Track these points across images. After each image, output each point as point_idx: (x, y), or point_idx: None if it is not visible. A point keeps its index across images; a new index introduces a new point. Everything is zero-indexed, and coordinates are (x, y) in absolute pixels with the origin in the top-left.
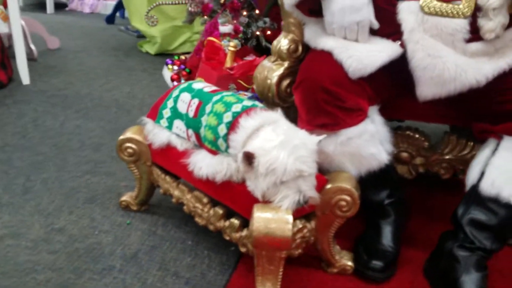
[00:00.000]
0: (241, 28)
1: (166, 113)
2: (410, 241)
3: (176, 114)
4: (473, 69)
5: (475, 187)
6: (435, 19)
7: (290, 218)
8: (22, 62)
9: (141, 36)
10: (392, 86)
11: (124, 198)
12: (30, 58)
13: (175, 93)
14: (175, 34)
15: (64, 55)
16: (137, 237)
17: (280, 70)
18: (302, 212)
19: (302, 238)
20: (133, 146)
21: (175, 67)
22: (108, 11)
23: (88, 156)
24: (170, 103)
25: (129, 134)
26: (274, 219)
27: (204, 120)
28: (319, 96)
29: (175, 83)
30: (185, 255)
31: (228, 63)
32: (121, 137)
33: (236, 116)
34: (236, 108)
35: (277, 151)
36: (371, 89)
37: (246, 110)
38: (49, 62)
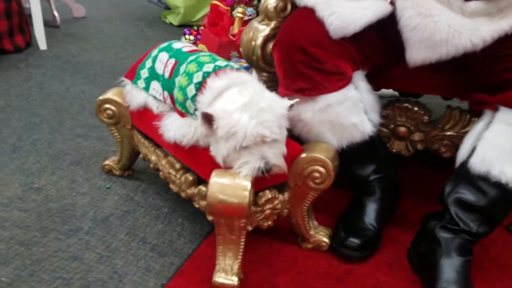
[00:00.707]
0: None
1: (144, 73)
2: (401, 221)
3: (153, 74)
4: (469, 30)
5: (465, 163)
6: None
7: (248, 184)
8: (39, 27)
9: (168, 7)
10: (382, 50)
11: (107, 162)
12: (53, 25)
13: (154, 52)
14: (199, 5)
15: (87, 23)
16: (113, 201)
17: (266, 31)
18: (272, 181)
19: (272, 210)
20: (112, 107)
21: (192, 37)
22: None
23: (85, 120)
24: (148, 63)
25: (109, 95)
26: (230, 186)
27: (177, 80)
28: (295, 57)
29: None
30: (157, 222)
31: (235, 29)
32: (100, 97)
33: (206, 77)
34: (208, 68)
35: (239, 114)
36: (356, 51)
37: (217, 71)
38: (70, 30)
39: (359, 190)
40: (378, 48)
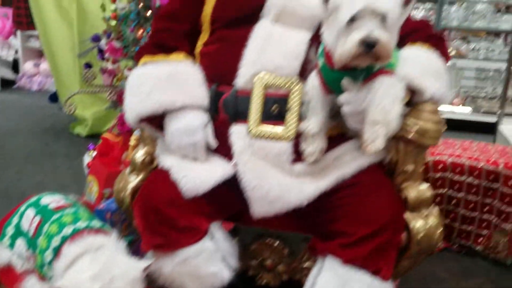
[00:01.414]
0: None
1: (10, 230)
2: None
3: (19, 231)
4: (295, 189)
5: None
6: (262, 142)
7: None
8: None
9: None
10: (233, 203)
11: None
12: None
13: (22, 208)
14: (106, 116)
15: None
16: None
17: (135, 182)
18: None
19: None
20: None
21: (95, 153)
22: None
23: None
24: (15, 220)
25: None
26: None
27: (39, 241)
28: (152, 217)
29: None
30: None
31: (129, 158)
32: None
33: (64, 241)
34: (66, 231)
35: (90, 284)
36: (209, 206)
37: (74, 235)
38: None
39: None
40: (229, 202)
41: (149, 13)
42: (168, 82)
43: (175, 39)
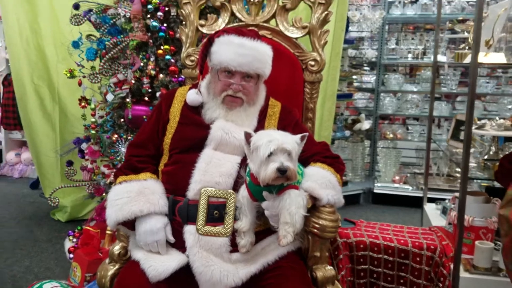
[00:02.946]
0: None
1: None
2: None
3: None
4: (232, 274)
5: None
6: (207, 238)
7: None
8: None
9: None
10: (191, 283)
11: None
12: None
13: None
14: (84, 203)
15: None
16: None
17: (112, 270)
18: None
19: None
20: None
21: (75, 239)
22: (36, 176)
23: None
24: None
25: None
26: None
27: None
28: None
29: (71, 255)
30: None
31: (106, 244)
32: None
33: None
34: None
35: None
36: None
37: None
38: None
39: None
40: (184, 284)
41: (121, 120)
42: (137, 195)
43: (143, 162)
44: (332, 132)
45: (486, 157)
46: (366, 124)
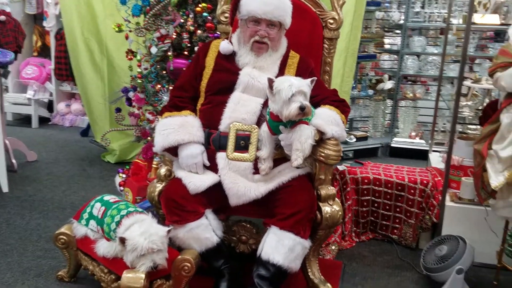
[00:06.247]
0: None
1: (85, 215)
2: None
3: (91, 216)
4: (254, 189)
5: (260, 254)
6: (235, 162)
7: (143, 276)
8: (2, 175)
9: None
10: (220, 197)
11: (60, 273)
12: (12, 170)
13: (92, 202)
14: (131, 147)
15: (39, 166)
16: None
17: (160, 187)
18: (160, 273)
19: None
20: (64, 237)
21: (124, 175)
22: (85, 125)
23: (42, 246)
24: (88, 209)
25: (62, 229)
26: (133, 277)
27: (106, 219)
28: (171, 205)
29: (122, 188)
30: None
31: (152, 175)
32: (56, 231)
33: (122, 218)
34: (123, 212)
35: (138, 237)
36: (205, 199)
37: (128, 214)
38: (26, 173)
39: (215, 275)
40: (216, 196)
41: (164, 72)
42: (180, 127)
43: (184, 102)
44: (356, 91)
45: (480, 107)
46: (388, 84)
